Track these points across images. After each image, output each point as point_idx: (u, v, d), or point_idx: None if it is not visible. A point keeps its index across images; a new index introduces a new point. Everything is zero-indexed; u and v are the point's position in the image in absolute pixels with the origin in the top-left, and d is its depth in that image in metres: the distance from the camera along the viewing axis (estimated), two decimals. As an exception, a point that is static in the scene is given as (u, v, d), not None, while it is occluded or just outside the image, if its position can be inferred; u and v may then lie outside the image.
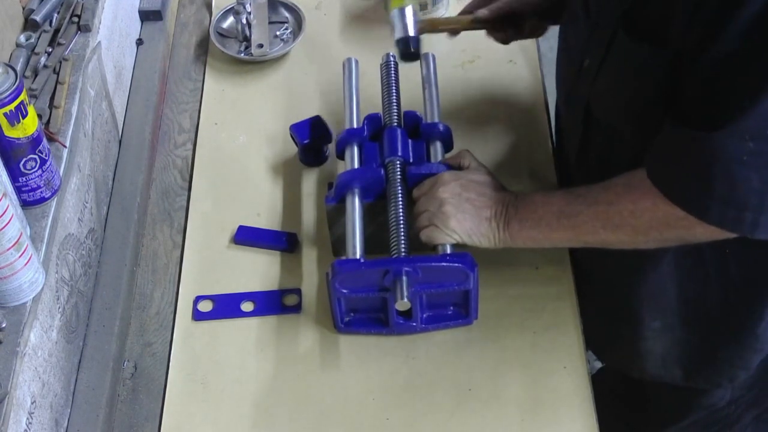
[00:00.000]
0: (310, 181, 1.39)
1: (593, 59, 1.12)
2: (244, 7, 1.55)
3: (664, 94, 1.01)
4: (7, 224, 0.96)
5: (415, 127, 1.28)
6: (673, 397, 1.42)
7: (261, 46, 1.53)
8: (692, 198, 0.98)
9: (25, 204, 1.10)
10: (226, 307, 1.26)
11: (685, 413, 1.43)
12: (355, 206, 1.21)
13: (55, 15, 1.28)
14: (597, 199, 1.07)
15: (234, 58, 1.55)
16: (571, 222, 1.09)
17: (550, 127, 1.44)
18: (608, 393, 1.74)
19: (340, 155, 1.28)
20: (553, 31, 1.33)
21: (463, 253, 1.16)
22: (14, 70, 1.02)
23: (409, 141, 1.26)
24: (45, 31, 1.25)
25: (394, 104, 1.30)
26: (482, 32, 1.55)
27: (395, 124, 1.28)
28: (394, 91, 1.31)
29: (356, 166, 1.25)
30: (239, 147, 1.45)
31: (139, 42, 1.55)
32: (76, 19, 1.29)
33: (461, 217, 1.15)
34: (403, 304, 1.13)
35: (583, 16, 1.14)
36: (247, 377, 1.20)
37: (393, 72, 1.33)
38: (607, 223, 1.06)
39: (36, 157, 1.08)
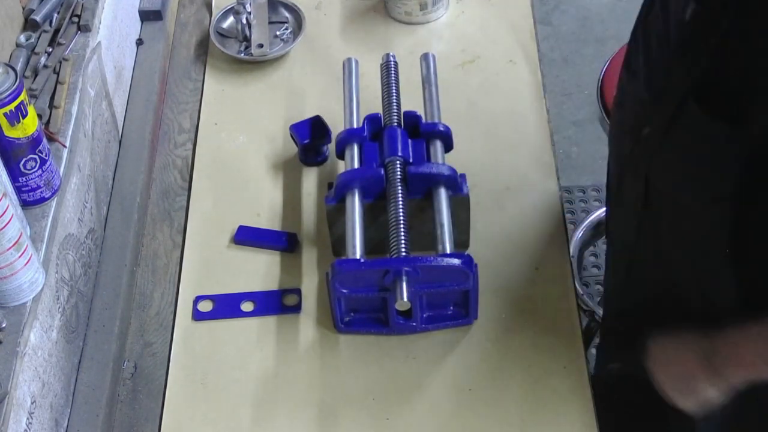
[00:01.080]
0: (310, 181, 1.39)
1: (655, 129, 1.01)
2: (244, 7, 1.55)
3: (745, 179, 0.92)
4: (7, 224, 0.96)
5: (415, 127, 1.28)
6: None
7: (261, 46, 1.54)
8: None
9: (25, 204, 1.10)
10: (226, 307, 1.26)
11: None
12: (355, 206, 1.21)
13: (55, 15, 1.28)
14: None
15: (234, 58, 1.55)
16: None
17: (550, 128, 1.44)
18: (608, 393, 1.72)
19: (340, 155, 1.29)
20: (553, 32, 1.33)
21: (463, 253, 1.16)
22: (14, 70, 1.02)
23: (409, 141, 1.26)
24: (45, 31, 1.25)
25: (394, 104, 1.30)
26: (482, 32, 1.56)
27: (395, 124, 1.28)
28: (394, 91, 1.31)
29: (356, 166, 1.25)
30: (239, 147, 1.45)
31: (139, 42, 1.55)
32: (76, 19, 1.29)
33: None
34: (403, 304, 1.13)
35: (644, 75, 1.05)
36: (247, 377, 1.20)
37: (393, 72, 1.34)
38: None
39: (36, 157, 1.08)
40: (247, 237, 1.32)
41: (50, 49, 1.24)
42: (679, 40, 0.96)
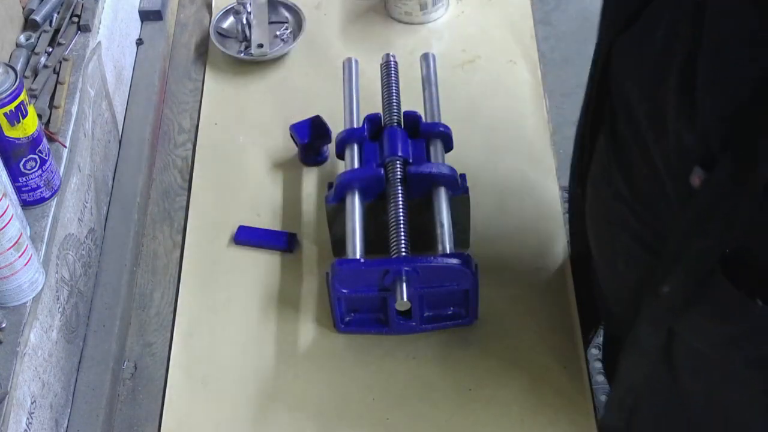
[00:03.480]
0: (310, 181, 1.39)
1: (674, 291, 0.90)
2: (244, 7, 1.55)
3: None
4: (7, 224, 0.96)
5: (415, 127, 1.28)
6: None
7: (261, 46, 1.54)
8: None
9: (25, 204, 1.10)
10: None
11: None
12: (355, 206, 1.21)
13: (55, 15, 1.28)
14: None
15: (234, 58, 1.55)
16: None
17: (551, 128, 1.44)
18: None
19: (340, 155, 1.28)
20: (553, 32, 1.33)
21: (463, 253, 1.16)
22: (14, 70, 1.02)
23: (409, 141, 1.26)
24: (45, 31, 1.25)
25: (394, 104, 1.30)
26: (482, 32, 1.56)
27: (395, 124, 1.28)
28: (394, 91, 1.31)
29: (356, 166, 1.25)
30: (239, 147, 1.45)
31: (139, 42, 1.55)
32: (76, 19, 1.29)
33: None
34: (403, 304, 1.13)
35: (639, 220, 0.96)
36: (247, 377, 1.20)
37: (393, 72, 1.33)
38: None
39: (36, 157, 1.08)
40: (247, 237, 1.32)
41: (50, 49, 1.24)
42: (691, 207, 0.83)
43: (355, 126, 1.30)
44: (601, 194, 1.05)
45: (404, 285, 1.13)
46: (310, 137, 1.38)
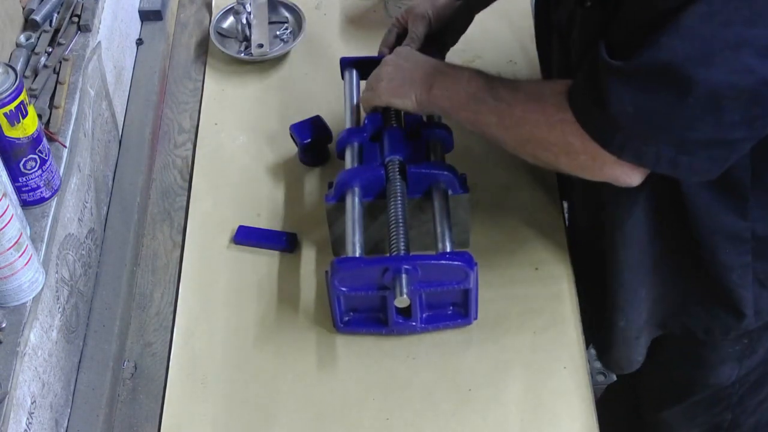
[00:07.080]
0: (310, 181, 1.39)
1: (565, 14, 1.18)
2: (244, 7, 1.55)
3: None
4: (7, 224, 0.96)
5: (415, 127, 1.28)
6: (676, 375, 1.40)
7: (261, 46, 1.54)
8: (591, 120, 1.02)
9: (25, 204, 1.10)
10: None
11: (688, 392, 1.41)
12: (354, 205, 1.21)
13: (55, 15, 1.28)
14: (502, 96, 1.12)
15: (234, 58, 1.55)
16: (476, 107, 1.14)
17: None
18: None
19: (340, 155, 1.28)
20: (553, 31, 1.33)
21: (463, 252, 1.16)
22: (14, 70, 1.02)
23: (410, 141, 1.26)
24: (45, 31, 1.25)
25: (395, 104, 1.30)
26: (482, 32, 1.56)
27: (395, 124, 1.28)
28: (394, 91, 1.31)
29: (356, 166, 1.25)
30: (239, 147, 1.45)
31: (139, 42, 1.55)
32: (76, 19, 1.29)
33: (392, 79, 1.23)
34: (402, 300, 1.13)
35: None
36: (247, 377, 1.20)
37: (393, 72, 1.33)
38: (502, 121, 1.12)
39: (36, 157, 1.08)
40: (247, 237, 1.32)
41: (50, 49, 1.24)
42: None
43: (355, 126, 1.30)
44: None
45: (404, 281, 1.12)
46: (311, 137, 1.38)
